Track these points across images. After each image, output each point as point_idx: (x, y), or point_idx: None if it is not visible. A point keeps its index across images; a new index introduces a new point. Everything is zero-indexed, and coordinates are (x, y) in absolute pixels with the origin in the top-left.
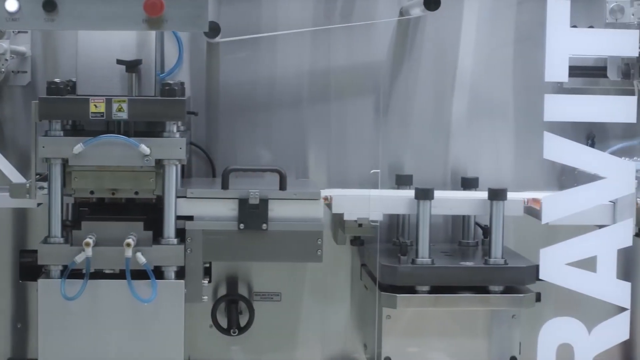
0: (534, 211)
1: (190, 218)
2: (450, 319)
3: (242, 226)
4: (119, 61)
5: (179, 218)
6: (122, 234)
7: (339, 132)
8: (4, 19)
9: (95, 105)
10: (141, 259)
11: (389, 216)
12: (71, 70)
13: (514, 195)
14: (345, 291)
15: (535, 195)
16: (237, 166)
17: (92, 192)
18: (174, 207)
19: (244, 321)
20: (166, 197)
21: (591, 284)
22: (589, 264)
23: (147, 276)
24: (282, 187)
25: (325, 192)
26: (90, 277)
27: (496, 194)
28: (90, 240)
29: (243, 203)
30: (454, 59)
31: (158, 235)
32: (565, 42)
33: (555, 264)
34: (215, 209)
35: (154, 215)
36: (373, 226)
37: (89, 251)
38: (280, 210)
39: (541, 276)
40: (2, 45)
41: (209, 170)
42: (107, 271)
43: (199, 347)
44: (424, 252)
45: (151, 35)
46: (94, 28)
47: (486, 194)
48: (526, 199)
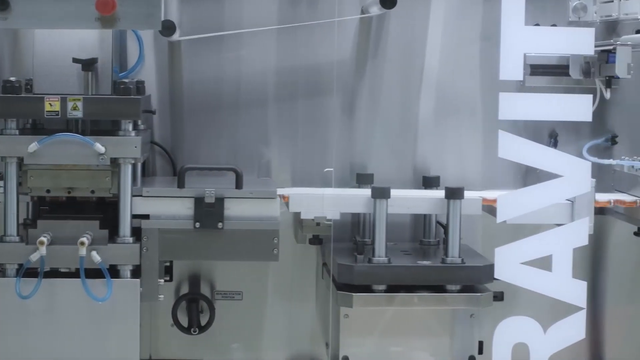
0: (493, 210)
1: (147, 217)
2: (409, 318)
3: (197, 225)
4: (75, 60)
5: (136, 217)
6: (78, 232)
7: (303, 130)
8: None
9: (50, 104)
10: (96, 257)
11: (351, 215)
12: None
13: (472, 194)
14: (311, 290)
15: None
16: (193, 165)
17: (48, 190)
18: (129, 206)
19: (204, 320)
20: (121, 196)
21: (547, 283)
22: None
23: (103, 275)
24: (238, 186)
25: (283, 191)
26: (45, 276)
27: (453, 193)
28: (44, 239)
29: (199, 202)
30: (420, 57)
31: (115, 234)
32: (519, 41)
33: (510, 263)
34: (172, 207)
35: (115, 213)
36: (329, 225)
37: (43, 250)
38: (237, 209)
39: (496, 275)
40: None
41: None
42: (62, 270)
43: (160, 346)
44: (381, 251)
45: (108, 33)
46: (47, 26)
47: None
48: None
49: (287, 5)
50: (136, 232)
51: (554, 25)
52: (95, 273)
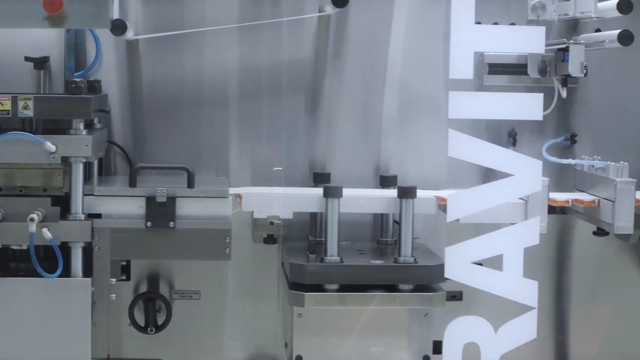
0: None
1: (99, 216)
2: (364, 318)
3: (149, 224)
4: (26, 58)
5: (88, 216)
6: (29, 210)
7: (264, 130)
8: None
9: (1, 103)
10: (47, 234)
11: (309, 214)
12: None
13: (426, 193)
14: (273, 290)
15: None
16: (145, 164)
17: (0, 189)
18: (80, 205)
19: (162, 319)
20: (73, 195)
21: (497, 282)
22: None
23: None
24: (190, 185)
25: (237, 190)
26: None
27: (405, 192)
28: None
29: (150, 201)
30: (383, 56)
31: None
32: (469, 39)
33: (461, 262)
34: (124, 206)
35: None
36: (284, 224)
37: None
38: (189, 208)
39: (446, 275)
40: None
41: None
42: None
43: (119, 345)
44: (333, 251)
45: (61, 32)
46: None
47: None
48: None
49: (248, 4)
50: None
51: (512, 24)
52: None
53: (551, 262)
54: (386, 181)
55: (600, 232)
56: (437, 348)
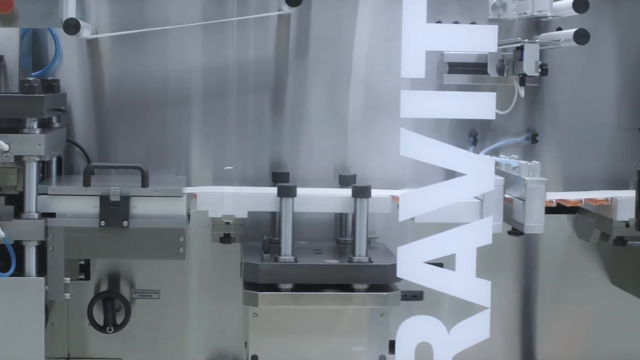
0: None
1: (53, 215)
2: (321, 317)
3: (103, 223)
4: None
5: (42, 215)
6: None
7: (227, 129)
8: None
9: None
10: (0, 233)
11: (270, 214)
12: None
13: (382, 193)
14: (235, 289)
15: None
16: (98, 163)
17: None
18: (34, 204)
19: (121, 319)
20: (26, 194)
21: (450, 282)
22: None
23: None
24: (144, 185)
25: (194, 189)
26: None
27: (359, 192)
28: None
29: (104, 200)
30: (348, 55)
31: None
32: (421, 38)
33: (413, 262)
34: (78, 206)
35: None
36: (240, 224)
37: None
38: (143, 207)
39: (399, 274)
40: None
41: None
42: None
43: (79, 345)
44: (287, 250)
45: (15, 32)
46: None
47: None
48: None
49: (212, 3)
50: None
51: (473, 23)
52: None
53: (515, 262)
54: (345, 180)
55: (515, 232)
56: (393, 348)
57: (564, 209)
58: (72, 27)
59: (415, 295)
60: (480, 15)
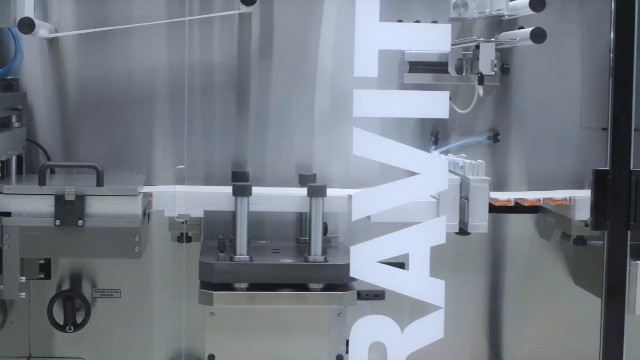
0: None
1: (9, 214)
2: (276, 317)
3: (58, 222)
4: None
5: None
6: None
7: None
8: None
9: None
10: None
11: (232, 213)
12: None
13: (339, 192)
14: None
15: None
16: (53, 162)
17: None
18: None
19: (81, 318)
20: None
21: (403, 281)
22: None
23: None
24: (99, 184)
25: (151, 188)
26: None
27: (315, 191)
28: None
29: (59, 199)
30: (314, 53)
31: None
32: (374, 37)
33: (366, 261)
34: (33, 205)
35: None
36: (196, 223)
37: None
38: (98, 206)
39: (352, 274)
40: None
41: None
42: None
43: (40, 344)
44: (242, 249)
45: None
46: None
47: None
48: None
49: (176, 2)
50: None
51: (434, 22)
52: None
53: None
54: (305, 180)
55: (462, 232)
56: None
57: (528, 208)
58: (26, 26)
59: (377, 295)
60: (442, 14)
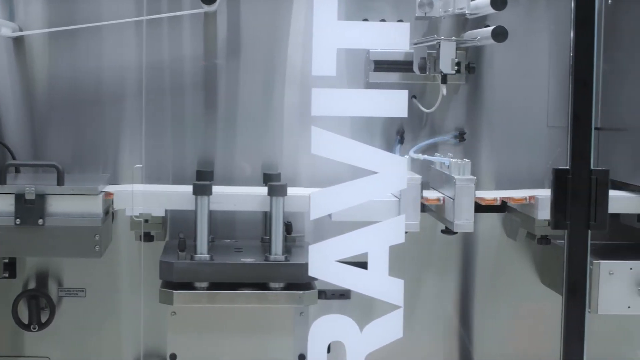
0: None
1: None
2: (238, 316)
3: (18, 221)
4: None
5: None
6: None
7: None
8: None
9: None
10: None
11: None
12: None
13: (301, 191)
14: None
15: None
16: (14, 161)
17: None
18: None
19: (45, 317)
20: None
21: (362, 281)
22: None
23: None
24: (60, 183)
25: (115, 187)
26: None
27: (275, 190)
28: None
29: (19, 198)
30: (284, 51)
31: None
32: (332, 36)
33: (325, 261)
34: None
35: None
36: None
37: None
38: (58, 205)
39: (310, 273)
40: None
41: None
42: None
43: (5, 343)
44: (202, 248)
45: None
46: None
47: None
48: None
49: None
50: None
51: (400, 21)
52: None
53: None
54: (269, 179)
55: (447, 231)
56: None
57: (496, 207)
58: None
59: (343, 294)
60: (409, 13)
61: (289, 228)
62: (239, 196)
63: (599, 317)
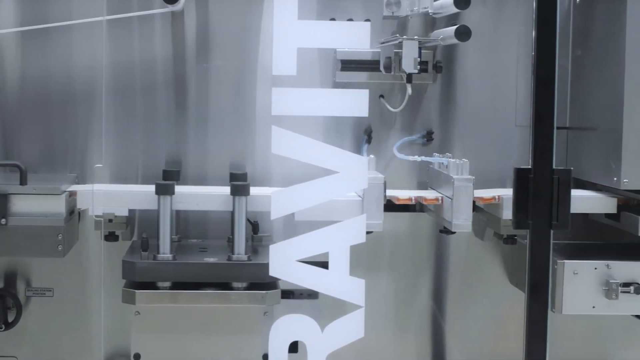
0: None
1: None
2: (202, 316)
3: None
4: None
5: None
6: None
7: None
8: None
9: None
10: None
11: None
12: None
13: (264, 190)
14: None
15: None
16: None
17: None
18: None
19: (12, 317)
20: None
21: (323, 281)
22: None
23: None
24: (23, 182)
25: (79, 187)
26: None
27: (237, 190)
28: None
29: None
30: (255, 50)
31: None
32: (292, 35)
33: (286, 260)
34: None
35: None
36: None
37: None
38: (21, 205)
39: (271, 272)
40: None
41: None
42: None
43: None
44: (165, 248)
45: None
46: None
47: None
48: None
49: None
50: None
51: (367, 20)
52: None
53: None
54: (236, 178)
55: (446, 231)
56: None
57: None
58: None
59: (311, 294)
60: (377, 12)
61: (255, 228)
62: (202, 196)
63: (574, 318)
